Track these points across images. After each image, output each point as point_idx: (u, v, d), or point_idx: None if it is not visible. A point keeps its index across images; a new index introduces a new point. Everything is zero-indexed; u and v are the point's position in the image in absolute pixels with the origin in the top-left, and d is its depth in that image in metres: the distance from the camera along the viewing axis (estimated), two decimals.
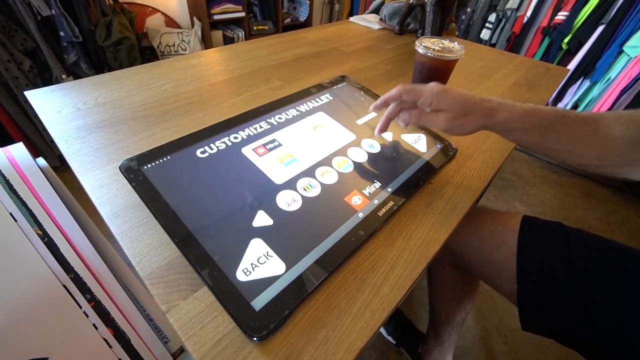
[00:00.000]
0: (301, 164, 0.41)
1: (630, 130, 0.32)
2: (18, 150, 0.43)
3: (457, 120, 0.37)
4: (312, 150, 0.43)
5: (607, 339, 0.39)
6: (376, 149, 0.46)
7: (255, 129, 0.45)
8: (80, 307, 0.44)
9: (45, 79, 1.31)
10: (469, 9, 1.89)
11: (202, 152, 0.40)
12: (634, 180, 0.35)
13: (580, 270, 0.42)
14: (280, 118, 0.48)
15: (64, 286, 0.42)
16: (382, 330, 0.93)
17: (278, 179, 0.39)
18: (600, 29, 1.50)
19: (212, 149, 0.41)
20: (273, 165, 0.40)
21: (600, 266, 0.42)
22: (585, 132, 0.34)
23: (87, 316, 0.45)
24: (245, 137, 0.44)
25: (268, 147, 0.43)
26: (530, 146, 0.38)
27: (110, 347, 0.48)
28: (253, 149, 0.42)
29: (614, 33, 1.47)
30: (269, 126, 0.46)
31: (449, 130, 0.39)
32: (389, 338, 0.91)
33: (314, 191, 0.38)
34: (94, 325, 0.46)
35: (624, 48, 1.44)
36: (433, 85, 0.38)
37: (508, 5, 1.73)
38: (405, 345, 0.88)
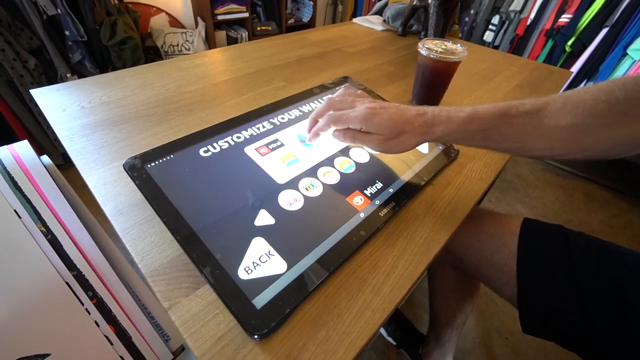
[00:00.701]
0: (303, 164, 0.41)
1: (578, 117, 0.30)
2: (23, 148, 0.43)
3: (389, 142, 0.36)
4: (314, 151, 0.44)
5: (608, 342, 0.39)
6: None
7: (258, 128, 0.45)
8: (83, 304, 0.44)
9: (50, 78, 1.32)
10: (472, 11, 1.89)
11: (205, 151, 0.40)
12: (586, 161, 0.33)
13: (581, 273, 0.42)
14: (283, 118, 0.48)
15: (67, 283, 0.43)
16: (382, 331, 0.93)
17: (280, 179, 0.39)
18: (604, 31, 1.50)
19: (215, 148, 0.41)
20: (275, 165, 0.40)
21: (601, 269, 0.42)
22: (531, 127, 0.32)
23: (89, 313, 0.45)
24: (248, 136, 0.44)
25: (271, 146, 0.43)
26: (478, 147, 0.37)
27: (112, 344, 0.48)
28: (256, 149, 0.42)
29: (618, 36, 1.47)
30: (271, 126, 0.46)
31: (384, 152, 0.37)
32: (389, 339, 0.91)
33: (316, 191, 0.38)
34: (95, 322, 0.46)
35: (628, 51, 1.43)
36: (360, 110, 0.36)
37: (511, 8, 1.72)
38: (406, 347, 0.88)
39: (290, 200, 0.36)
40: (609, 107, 0.29)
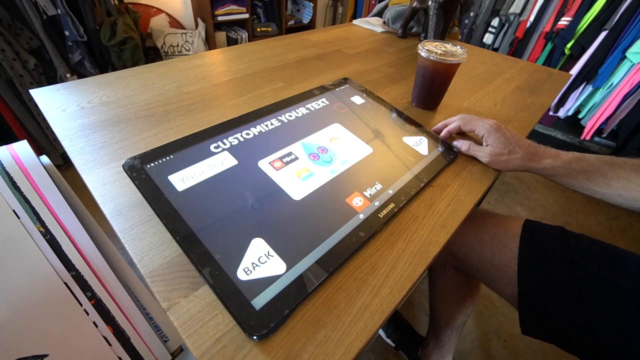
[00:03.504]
0: (301, 161, 0.41)
1: None
2: (22, 148, 0.43)
3: (499, 156, 0.42)
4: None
5: (607, 344, 0.39)
6: (377, 150, 0.46)
7: (260, 128, 0.45)
8: (81, 305, 0.44)
9: (50, 78, 1.32)
10: (472, 13, 1.90)
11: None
12: None
13: (581, 274, 0.42)
14: (283, 119, 0.48)
15: (65, 284, 0.43)
16: (381, 332, 0.93)
17: (279, 179, 0.39)
18: (603, 34, 1.51)
19: (215, 148, 0.41)
20: (275, 165, 0.40)
21: (601, 271, 0.42)
22: (636, 177, 0.35)
23: (88, 314, 0.45)
24: (247, 137, 0.44)
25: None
26: (578, 189, 0.39)
27: (110, 345, 0.48)
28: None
29: (617, 39, 1.47)
30: (272, 127, 0.46)
31: (491, 164, 0.44)
32: (388, 341, 0.91)
33: (315, 188, 0.38)
34: (94, 323, 0.46)
35: (627, 54, 1.44)
36: (489, 121, 0.44)
37: (511, 10, 1.73)
38: (404, 348, 0.88)
39: (289, 201, 0.36)
40: None
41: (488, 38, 1.88)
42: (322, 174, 0.41)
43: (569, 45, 1.60)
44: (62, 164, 1.42)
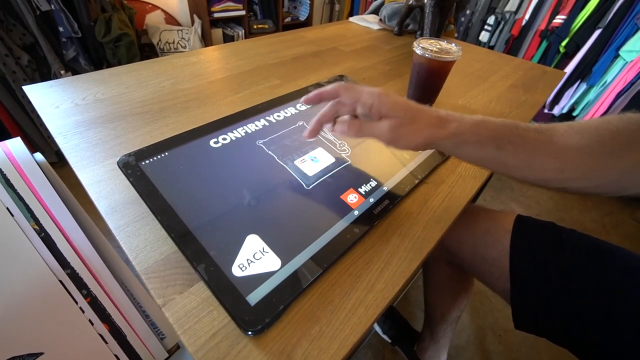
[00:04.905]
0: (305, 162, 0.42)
1: (585, 139, 0.30)
2: (15, 145, 0.43)
3: (402, 128, 0.32)
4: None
5: (597, 337, 0.39)
6: (372, 147, 0.47)
7: (255, 126, 0.45)
8: (77, 303, 0.44)
9: (44, 74, 1.30)
10: (468, 11, 1.90)
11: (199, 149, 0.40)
12: (603, 195, 0.32)
13: (571, 269, 0.43)
14: (278, 116, 0.48)
15: (60, 281, 0.42)
16: (377, 328, 0.93)
17: (276, 177, 0.39)
18: (597, 33, 1.52)
19: (209, 145, 0.41)
20: (271, 162, 0.41)
21: (590, 265, 0.42)
22: (542, 142, 0.31)
23: (83, 312, 0.45)
24: (243, 134, 0.44)
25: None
26: (487, 163, 0.34)
27: (106, 342, 0.48)
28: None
29: (611, 37, 1.48)
30: (267, 124, 0.46)
31: (393, 141, 0.33)
32: (385, 337, 0.92)
33: (311, 186, 0.38)
34: (89, 320, 0.46)
35: (620, 52, 1.45)
36: (373, 88, 0.34)
37: (507, 8, 1.74)
38: (401, 344, 0.89)
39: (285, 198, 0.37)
40: (611, 135, 0.29)
41: (484, 36, 1.88)
42: (317, 171, 0.41)
43: (563, 44, 1.61)
44: (57, 161, 1.41)
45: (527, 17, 1.70)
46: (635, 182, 0.29)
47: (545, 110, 1.81)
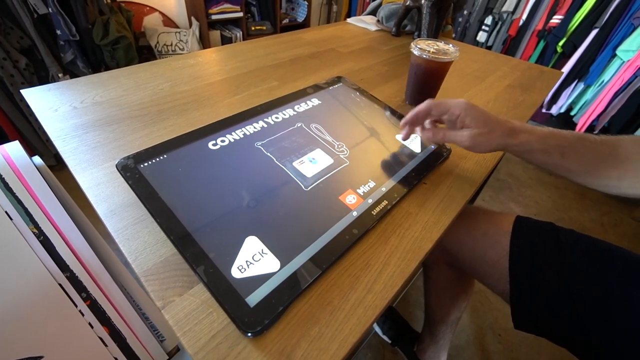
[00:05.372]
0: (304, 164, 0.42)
1: None
2: (14, 149, 0.43)
3: (480, 136, 0.38)
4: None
5: (595, 337, 0.40)
6: (370, 148, 0.47)
7: (253, 127, 0.46)
8: (76, 306, 0.44)
9: (42, 78, 1.30)
10: (465, 12, 1.91)
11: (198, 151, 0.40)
12: None
13: (570, 269, 0.43)
14: (277, 118, 0.48)
15: (60, 285, 0.42)
16: (377, 329, 0.93)
17: (275, 179, 0.39)
18: (594, 32, 1.52)
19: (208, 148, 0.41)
20: (269, 164, 0.41)
21: (589, 266, 0.42)
22: (605, 153, 0.35)
23: (83, 315, 0.45)
24: (241, 136, 0.44)
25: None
26: (551, 167, 0.38)
27: (106, 345, 0.48)
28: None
29: (607, 37, 1.49)
30: (265, 125, 0.47)
31: (472, 147, 0.39)
32: (385, 337, 0.92)
33: (309, 187, 0.39)
34: (89, 324, 0.46)
35: (617, 52, 1.46)
36: (461, 100, 0.40)
37: (504, 9, 1.74)
38: (401, 345, 0.89)
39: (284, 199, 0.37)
40: None
41: (481, 36, 1.89)
42: (316, 173, 0.41)
43: (560, 43, 1.62)
44: (56, 164, 1.41)
45: (524, 17, 1.71)
46: None
47: (543, 110, 1.82)
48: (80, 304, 0.45)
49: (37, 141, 1.35)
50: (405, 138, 0.45)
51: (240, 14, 2.08)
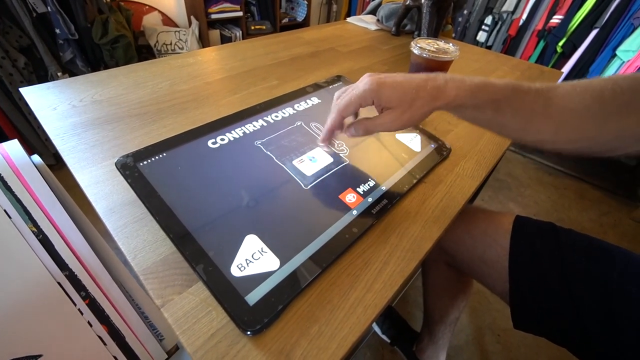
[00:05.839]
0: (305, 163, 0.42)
1: (585, 101, 0.30)
2: (13, 148, 0.43)
3: (405, 114, 0.33)
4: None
5: (596, 337, 0.40)
6: (370, 147, 0.47)
7: (253, 126, 0.46)
8: (75, 305, 0.44)
9: (41, 76, 1.30)
10: (465, 11, 1.91)
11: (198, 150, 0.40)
12: (592, 156, 0.32)
13: (570, 269, 0.43)
14: (276, 116, 0.48)
15: (59, 283, 0.42)
16: (376, 329, 0.93)
17: (274, 178, 0.39)
18: (594, 32, 1.53)
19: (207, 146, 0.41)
20: (268, 163, 0.41)
21: (589, 265, 0.42)
22: (540, 105, 0.31)
23: (82, 313, 0.45)
24: (241, 134, 0.44)
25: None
26: (484, 124, 0.35)
27: (105, 344, 0.48)
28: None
29: (607, 37, 1.49)
30: (265, 124, 0.47)
31: (400, 128, 0.34)
32: (384, 337, 0.92)
33: (309, 185, 0.38)
34: (88, 322, 0.46)
35: (617, 52, 1.46)
36: (365, 81, 0.33)
37: (504, 8, 1.74)
38: (400, 344, 0.89)
39: (285, 198, 0.37)
40: (613, 95, 0.29)
41: (481, 36, 1.89)
42: (315, 171, 0.41)
43: (560, 43, 1.62)
44: (55, 163, 1.41)
45: (524, 17, 1.71)
46: (627, 144, 0.30)
47: None
48: (79, 302, 0.44)
49: (36, 140, 1.35)
50: (324, 143, 0.39)
51: (240, 14, 2.08)
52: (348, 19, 1.10)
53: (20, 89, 0.53)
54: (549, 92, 0.31)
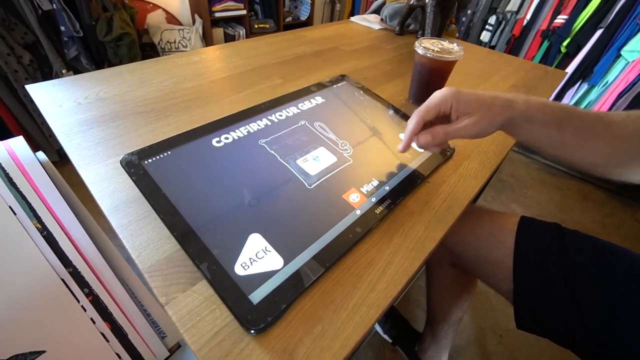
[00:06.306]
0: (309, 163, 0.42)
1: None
2: (18, 144, 0.43)
3: (482, 120, 0.34)
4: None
5: (600, 338, 0.39)
6: (374, 147, 0.47)
7: (257, 125, 0.46)
8: (78, 301, 0.44)
9: (45, 74, 1.31)
10: (469, 11, 1.90)
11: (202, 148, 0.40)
12: (632, 183, 0.34)
13: (575, 270, 0.43)
14: (280, 115, 0.48)
15: (62, 280, 0.43)
16: (378, 328, 0.93)
17: (278, 177, 0.39)
18: (598, 32, 1.51)
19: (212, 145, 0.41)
20: (272, 162, 0.41)
21: (594, 267, 0.42)
22: (599, 127, 0.33)
23: (85, 310, 0.45)
24: (245, 133, 0.44)
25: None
26: (544, 142, 0.36)
27: (108, 341, 0.48)
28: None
29: (612, 37, 1.48)
30: (269, 123, 0.47)
31: (478, 134, 0.35)
32: (385, 336, 0.92)
33: (313, 185, 0.38)
34: (91, 319, 0.46)
35: (622, 52, 1.45)
36: (444, 91, 0.35)
37: (508, 8, 1.73)
38: (401, 344, 0.89)
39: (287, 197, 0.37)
40: None
41: (485, 36, 1.88)
42: (319, 171, 0.41)
43: (565, 44, 1.61)
44: (58, 160, 1.41)
45: (528, 17, 1.70)
46: None
47: None
48: (82, 299, 0.45)
49: (40, 137, 1.36)
50: (406, 149, 0.39)
51: (244, 12, 2.08)
52: (352, 18, 1.10)
53: (27, 86, 0.53)
54: (607, 116, 0.34)
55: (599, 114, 0.34)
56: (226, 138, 0.43)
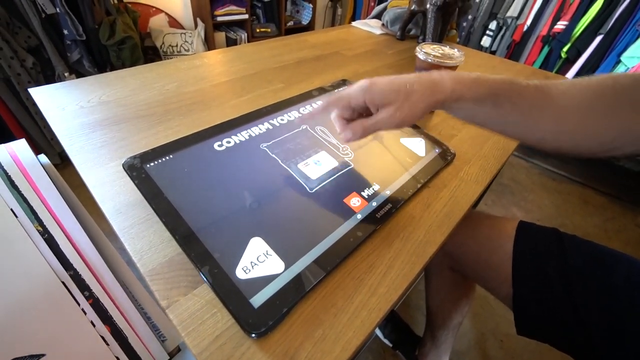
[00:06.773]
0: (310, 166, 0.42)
1: (585, 99, 0.29)
2: (20, 147, 0.43)
3: (401, 109, 0.31)
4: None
5: (600, 343, 0.39)
6: (375, 151, 0.47)
7: (259, 129, 0.46)
8: (79, 304, 0.44)
9: (48, 77, 1.31)
10: (470, 17, 1.91)
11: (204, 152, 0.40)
12: (592, 156, 0.31)
13: (574, 275, 0.43)
14: (282, 120, 0.49)
15: (63, 283, 0.43)
16: (378, 333, 0.93)
17: (279, 180, 0.39)
18: (598, 38, 1.52)
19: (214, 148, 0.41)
20: (273, 165, 0.41)
21: (594, 271, 0.42)
22: (540, 100, 0.31)
23: (85, 313, 0.45)
24: (247, 137, 0.44)
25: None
26: (484, 121, 0.34)
27: (108, 344, 0.48)
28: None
29: (612, 43, 1.49)
30: (271, 127, 0.47)
31: (399, 126, 0.33)
32: (386, 341, 0.91)
33: (314, 189, 0.39)
34: (91, 322, 0.46)
35: (622, 58, 1.45)
36: (357, 83, 0.33)
37: (508, 14, 1.75)
38: (402, 348, 0.88)
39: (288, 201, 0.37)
40: (614, 93, 0.29)
41: (486, 41, 1.89)
42: (320, 175, 0.41)
43: (565, 49, 1.62)
44: (60, 163, 1.42)
45: (528, 22, 1.71)
46: (628, 143, 0.29)
47: None
48: (82, 302, 0.45)
49: (42, 139, 1.36)
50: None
51: (246, 16, 2.09)
52: (353, 23, 1.11)
53: (30, 90, 0.53)
54: (549, 88, 0.31)
55: (539, 86, 0.31)
56: (228, 142, 0.43)
